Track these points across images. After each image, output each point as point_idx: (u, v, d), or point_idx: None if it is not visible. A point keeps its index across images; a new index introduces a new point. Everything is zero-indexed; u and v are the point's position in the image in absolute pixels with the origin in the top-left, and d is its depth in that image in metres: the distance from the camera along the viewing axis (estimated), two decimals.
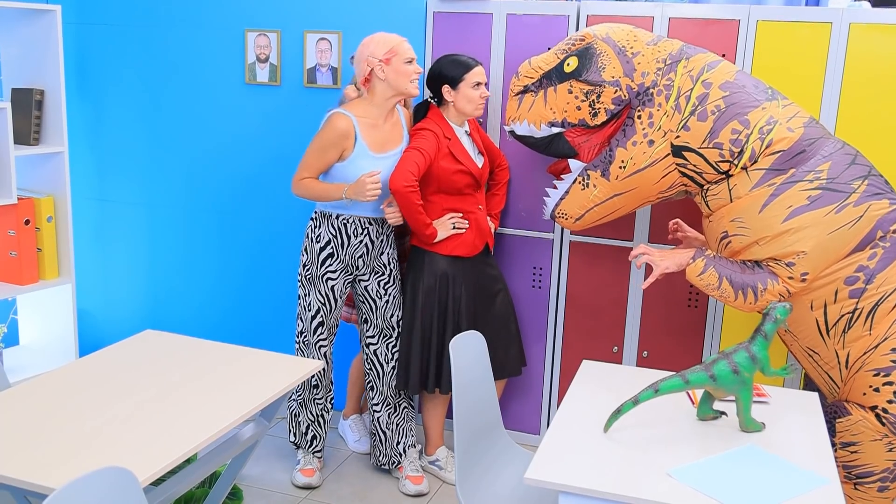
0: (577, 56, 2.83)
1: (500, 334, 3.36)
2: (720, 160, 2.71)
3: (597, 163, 2.87)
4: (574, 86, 2.83)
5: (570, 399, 2.35)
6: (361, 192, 2.97)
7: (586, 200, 2.92)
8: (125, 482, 1.64)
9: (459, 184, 3.18)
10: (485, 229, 3.29)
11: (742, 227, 2.70)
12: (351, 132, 3.03)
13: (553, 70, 2.87)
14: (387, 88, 3.05)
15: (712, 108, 2.71)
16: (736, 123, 2.69)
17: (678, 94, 2.75)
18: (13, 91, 3.57)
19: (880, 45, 3.05)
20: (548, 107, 2.87)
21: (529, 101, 2.91)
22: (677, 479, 1.91)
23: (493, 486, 2.44)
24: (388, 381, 3.31)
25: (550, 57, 2.90)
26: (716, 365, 2.14)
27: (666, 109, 2.76)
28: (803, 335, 2.77)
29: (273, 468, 3.44)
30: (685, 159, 2.76)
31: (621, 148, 2.81)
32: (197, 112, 3.96)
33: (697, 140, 2.73)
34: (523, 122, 2.93)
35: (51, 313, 3.82)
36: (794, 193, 2.63)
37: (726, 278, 2.72)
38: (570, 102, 2.84)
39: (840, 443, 2.68)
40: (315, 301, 3.18)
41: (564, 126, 2.88)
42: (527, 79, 2.93)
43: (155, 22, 3.94)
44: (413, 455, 3.38)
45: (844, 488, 2.69)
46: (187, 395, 2.26)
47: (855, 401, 2.68)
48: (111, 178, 4.18)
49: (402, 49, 3.04)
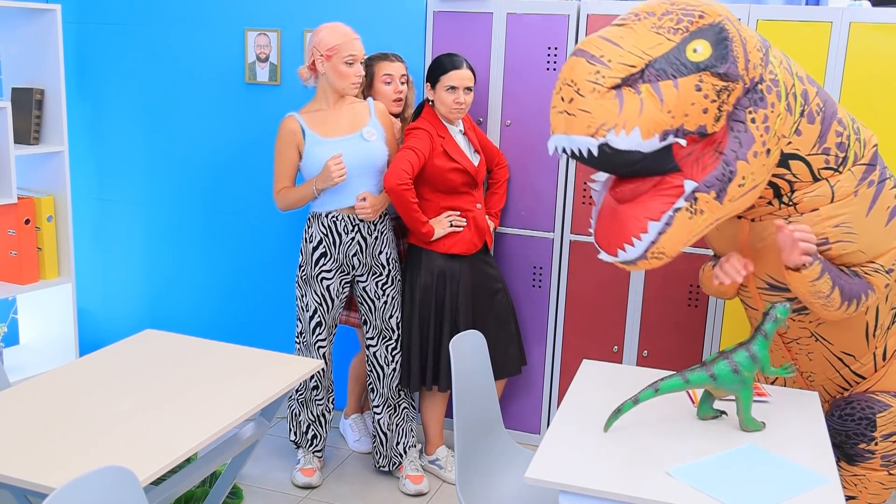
0: (709, 41, 2.12)
1: (499, 333, 3.36)
2: (824, 167, 2.31)
3: (711, 181, 2.16)
4: (705, 81, 2.10)
5: (570, 399, 2.35)
6: (328, 177, 2.99)
7: (690, 232, 2.19)
8: (125, 482, 1.64)
9: (455, 182, 3.18)
10: (483, 227, 3.28)
11: (849, 234, 2.34)
12: (297, 128, 3.07)
13: (671, 57, 2.08)
14: (327, 83, 3.08)
15: (815, 107, 2.29)
16: (836, 124, 2.31)
17: (786, 91, 2.24)
18: (13, 90, 3.57)
19: (880, 45, 3.05)
20: (665, 109, 2.06)
21: (634, 101, 2.04)
22: (677, 478, 1.91)
23: (493, 486, 2.44)
24: (388, 383, 3.31)
25: (652, 37, 2.11)
26: (716, 364, 2.14)
27: (779, 111, 2.22)
28: (843, 340, 2.56)
29: (273, 468, 3.44)
30: (788, 168, 2.30)
31: (742, 161, 2.17)
32: (197, 111, 3.96)
33: (807, 146, 2.29)
34: (632, 132, 2.05)
35: (51, 313, 3.82)
36: (886, 193, 2.38)
37: (838, 287, 2.33)
38: (695, 103, 2.10)
39: (881, 435, 2.60)
40: (312, 301, 3.18)
41: (678, 135, 2.11)
42: (624, 67, 2.06)
43: (155, 21, 3.94)
44: (413, 454, 3.38)
45: (875, 476, 2.65)
46: (187, 395, 2.26)
47: (890, 389, 2.60)
48: (111, 178, 4.18)
49: (345, 48, 3.00)
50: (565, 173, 3.47)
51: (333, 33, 3.02)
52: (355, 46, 3.03)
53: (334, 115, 3.12)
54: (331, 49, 3.00)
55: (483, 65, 3.48)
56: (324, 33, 3.03)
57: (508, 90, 3.48)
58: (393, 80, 3.31)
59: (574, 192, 3.47)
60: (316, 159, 3.07)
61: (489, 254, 3.37)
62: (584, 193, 3.46)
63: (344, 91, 3.08)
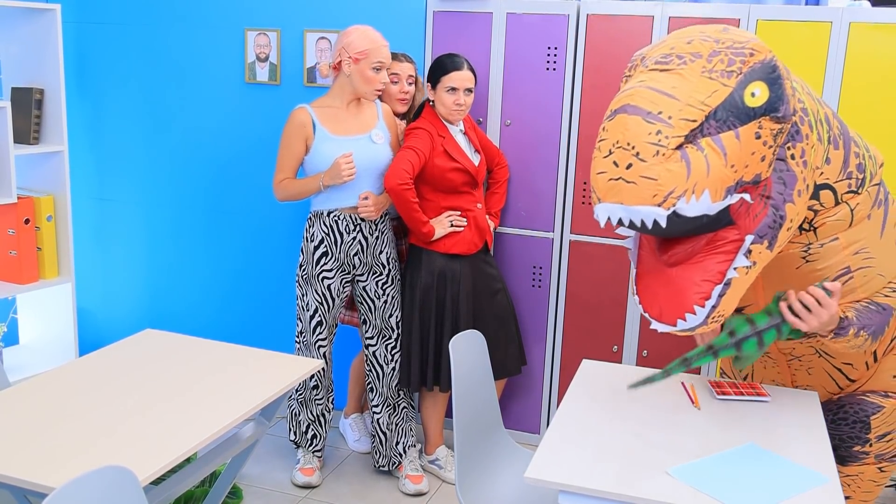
0: (765, 82, 1.93)
1: (499, 333, 3.36)
2: (847, 192, 2.17)
3: (763, 230, 1.98)
4: (764, 126, 1.92)
5: (570, 398, 2.35)
6: (337, 175, 2.99)
7: (744, 287, 2.00)
8: (125, 481, 1.64)
9: (456, 182, 3.18)
10: (483, 227, 3.28)
11: (868, 259, 2.23)
12: (308, 121, 3.06)
13: (729, 104, 1.88)
14: (348, 84, 3.07)
15: (836, 131, 2.13)
16: (854, 145, 2.18)
17: (814, 118, 2.06)
18: (13, 90, 3.57)
19: (880, 45, 3.05)
20: (728, 163, 1.87)
21: (700, 160, 1.83)
22: (677, 478, 1.91)
23: (493, 486, 2.44)
24: (387, 383, 3.31)
25: (706, 83, 1.89)
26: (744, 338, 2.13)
27: (812, 141, 2.06)
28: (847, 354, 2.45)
29: (273, 467, 3.44)
30: (818, 199, 2.14)
31: (790, 203, 2.00)
32: (197, 111, 3.96)
33: (835, 173, 2.15)
34: (702, 195, 1.84)
35: (51, 312, 3.82)
36: (892, 210, 2.30)
37: (870, 333, 2.21)
38: (755, 152, 1.91)
39: (876, 437, 2.59)
40: (313, 301, 3.18)
41: (738, 189, 1.93)
42: (686, 123, 1.84)
43: (155, 21, 3.94)
44: (413, 454, 3.38)
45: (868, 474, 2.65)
46: (187, 395, 2.26)
47: (879, 388, 2.59)
48: (111, 178, 4.18)
49: (374, 54, 3.01)
50: (565, 173, 3.47)
51: (365, 38, 3.02)
52: (384, 54, 3.03)
53: (346, 114, 3.12)
54: (361, 53, 3.00)
55: (483, 65, 3.48)
56: (355, 36, 3.02)
57: (508, 90, 3.48)
58: (400, 80, 3.30)
59: (574, 192, 3.47)
60: (323, 155, 3.07)
61: (489, 254, 3.38)
62: (583, 193, 3.46)
63: (365, 96, 3.09)
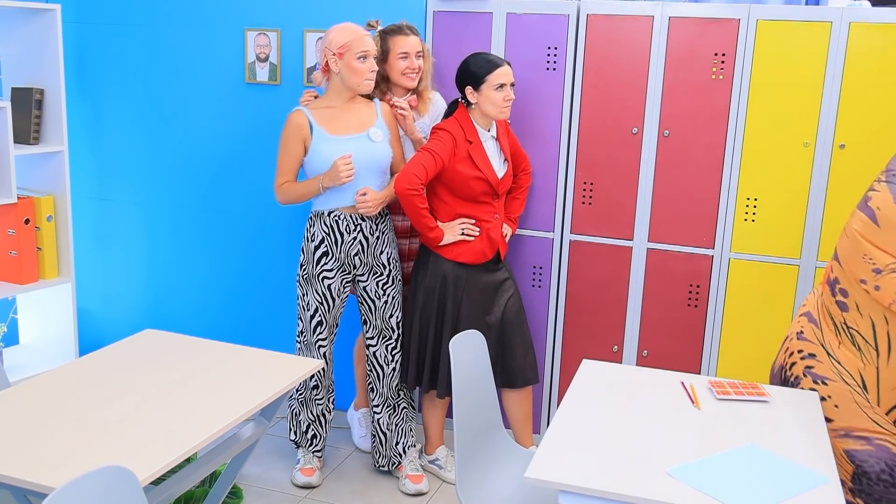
0: None
1: (514, 341, 3.26)
2: None
3: None
4: None
5: (570, 399, 2.35)
6: (336, 177, 3.00)
7: None
8: (125, 481, 1.64)
9: (476, 190, 3.11)
10: (496, 239, 3.19)
11: None
12: (305, 123, 3.07)
13: None
14: (340, 82, 3.08)
15: None
16: None
17: None
18: (13, 90, 3.57)
19: (880, 45, 3.05)
20: None
21: None
22: (677, 478, 1.91)
23: (493, 486, 2.44)
24: (387, 383, 3.31)
25: None
26: None
27: None
28: None
29: (273, 467, 3.44)
30: None
31: None
32: (197, 111, 3.96)
33: None
34: None
35: (51, 312, 3.82)
36: None
37: None
38: None
39: None
40: (313, 301, 3.18)
41: None
42: None
43: (155, 21, 3.94)
44: (413, 454, 3.38)
45: None
46: (187, 395, 2.26)
47: None
48: (111, 178, 4.18)
49: (356, 45, 3.01)
50: (565, 173, 3.47)
51: (343, 32, 3.04)
52: (366, 42, 3.04)
53: (343, 113, 3.12)
54: (342, 47, 3.01)
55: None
56: (334, 33, 3.04)
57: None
58: (409, 56, 3.25)
59: (574, 192, 3.47)
60: (322, 156, 3.07)
61: (500, 262, 3.27)
62: (583, 193, 3.46)
63: (358, 88, 3.08)
